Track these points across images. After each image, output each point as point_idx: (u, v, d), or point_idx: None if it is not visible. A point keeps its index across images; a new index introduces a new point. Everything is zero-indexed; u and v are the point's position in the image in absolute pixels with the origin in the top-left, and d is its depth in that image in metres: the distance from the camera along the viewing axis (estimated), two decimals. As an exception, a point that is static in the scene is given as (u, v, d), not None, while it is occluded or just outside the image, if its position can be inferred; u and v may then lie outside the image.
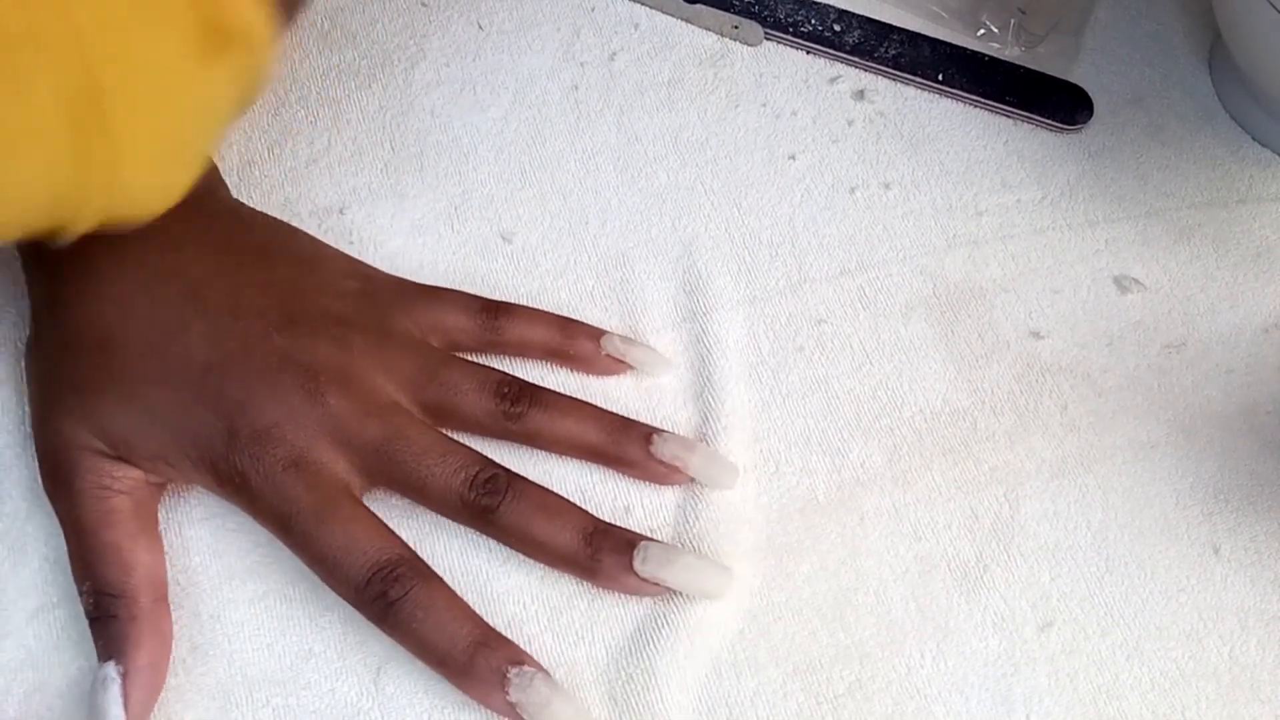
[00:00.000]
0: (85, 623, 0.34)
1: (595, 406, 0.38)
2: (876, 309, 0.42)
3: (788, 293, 0.42)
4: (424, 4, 0.47)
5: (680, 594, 0.36)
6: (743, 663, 0.35)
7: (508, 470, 0.36)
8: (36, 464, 0.36)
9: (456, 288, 0.40)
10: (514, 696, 0.33)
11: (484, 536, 0.36)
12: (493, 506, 0.35)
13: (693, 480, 0.37)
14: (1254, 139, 0.46)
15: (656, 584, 0.35)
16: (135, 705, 0.33)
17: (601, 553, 0.35)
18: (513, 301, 0.40)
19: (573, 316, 0.40)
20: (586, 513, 0.36)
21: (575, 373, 0.40)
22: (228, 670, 0.35)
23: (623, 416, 0.38)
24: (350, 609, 0.35)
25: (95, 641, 0.34)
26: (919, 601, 0.36)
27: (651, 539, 0.36)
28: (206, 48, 0.29)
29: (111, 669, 0.33)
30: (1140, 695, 0.35)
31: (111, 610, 0.33)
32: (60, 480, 0.35)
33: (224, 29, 0.29)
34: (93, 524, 0.34)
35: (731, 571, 0.36)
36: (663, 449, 0.37)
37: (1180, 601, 0.37)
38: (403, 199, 0.43)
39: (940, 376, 0.40)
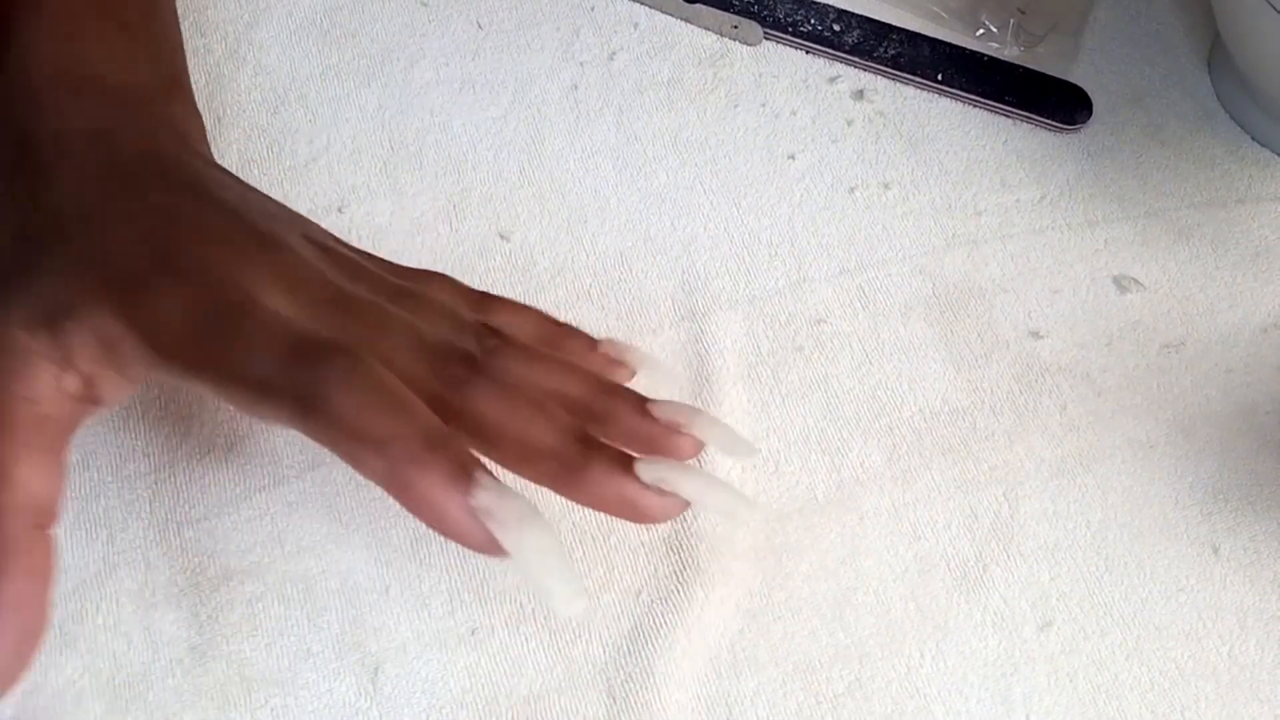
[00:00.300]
0: (82, 624, 0.34)
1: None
2: (876, 309, 0.41)
3: (787, 292, 0.42)
4: (423, 3, 0.47)
5: (696, 508, 0.31)
6: (742, 662, 0.35)
7: (491, 342, 0.31)
8: None
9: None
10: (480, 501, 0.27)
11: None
12: (464, 378, 0.30)
13: (694, 442, 0.33)
14: (1253, 139, 0.46)
15: (660, 490, 0.30)
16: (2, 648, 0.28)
17: (594, 451, 0.30)
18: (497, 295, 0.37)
19: (571, 316, 0.40)
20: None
21: None
22: (225, 670, 0.35)
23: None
24: (346, 610, 0.34)
25: None
26: (918, 601, 0.36)
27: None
28: None
29: None
30: (1139, 695, 0.35)
31: None
32: None
33: None
34: None
35: (756, 505, 0.33)
36: (660, 410, 0.32)
37: (1179, 601, 0.37)
38: (401, 197, 0.43)
39: (939, 376, 0.40)
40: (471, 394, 0.30)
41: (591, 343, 0.35)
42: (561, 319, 0.40)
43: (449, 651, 0.35)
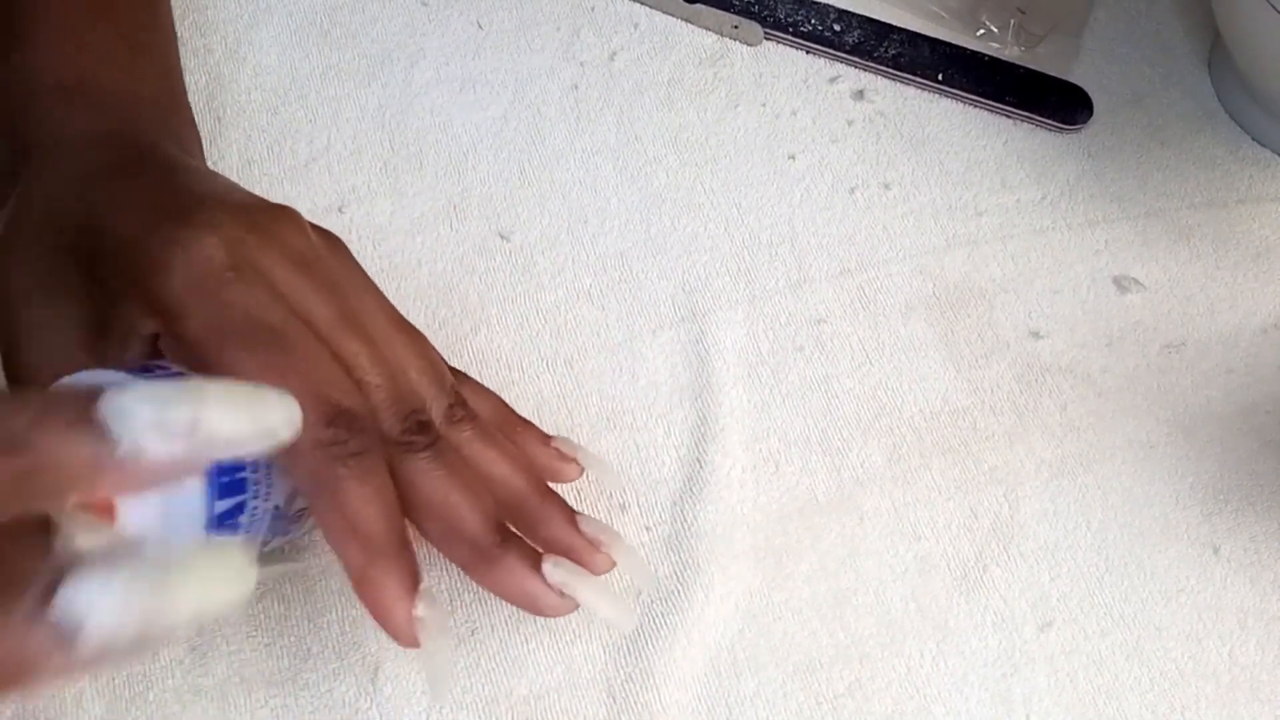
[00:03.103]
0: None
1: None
2: (876, 309, 0.41)
3: (787, 292, 0.42)
4: (424, 3, 0.47)
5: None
6: (742, 662, 0.35)
7: (459, 414, 0.33)
8: None
9: (454, 288, 0.40)
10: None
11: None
12: (416, 446, 0.31)
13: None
14: (1253, 139, 0.46)
15: (561, 590, 0.32)
16: None
17: (510, 544, 0.32)
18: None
19: (571, 316, 0.40)
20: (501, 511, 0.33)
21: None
22: (225, 671, 0.35)
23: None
24: (346, 610, 0.34)
25: None
26: (919, 601, 0.36)
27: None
28: None
29: None
30: (1139, 695, 0.35)
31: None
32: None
33: None
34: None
35: (635, 615, 0.35)
36: (586, 525, 0.34)
37: (1180, 601, 0.37)
38: (402, 197, 0.43)
39: (940, 376, 0.40)
40: (416, 466, 0.31)
41: (545, 437, 0.36)
42: (562, 319, 0.41)
43: (449, 651, 0.35)
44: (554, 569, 0.32)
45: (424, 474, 0.31)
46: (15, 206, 0.33)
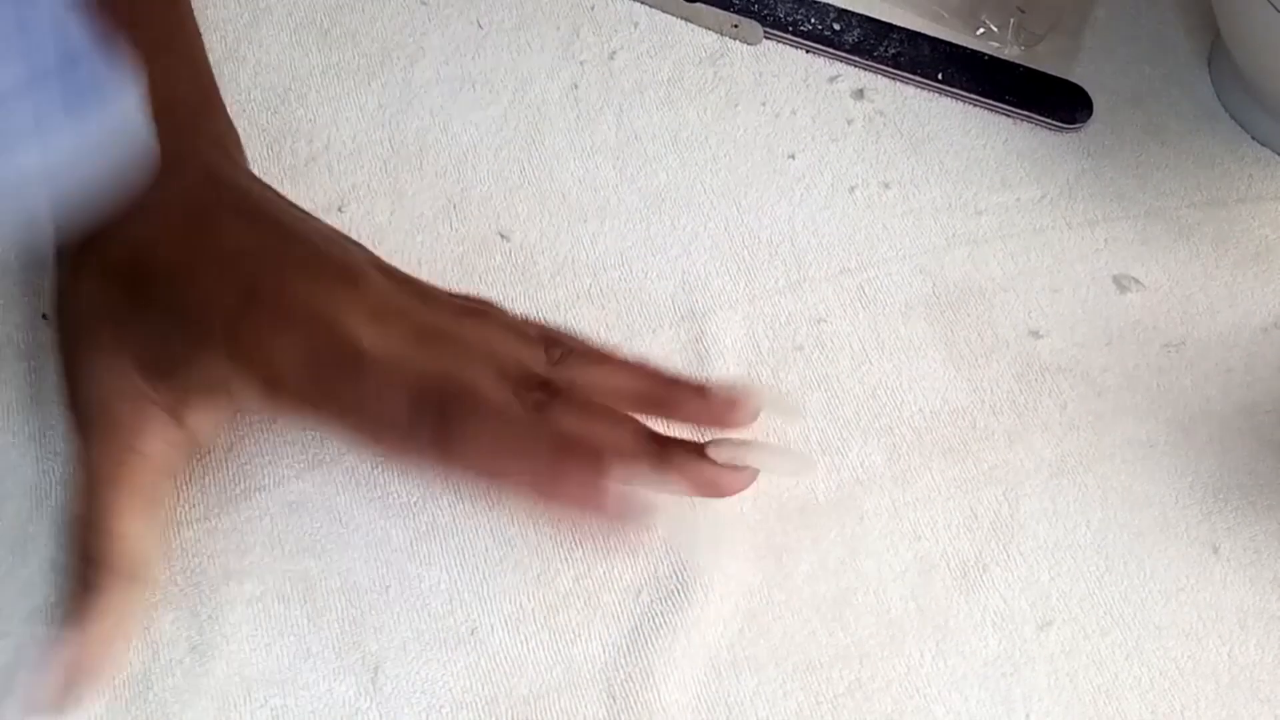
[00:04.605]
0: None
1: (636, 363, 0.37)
2: (876, 308, 0.41)
3: (787, 292, 0.42)
4: (424, 2, 0.47)
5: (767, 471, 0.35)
6: (742, 662, 0.35)
7: (556, 354, 0.35)
8: (68, 417, 0.35)
9: (456, 287, 0.40)
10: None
11: (480, 538, 0.36)
12: (546, 401, 0.34)
13: (751, 414, 0.36)
14: (1254, 138, 0.46)
15: (734, 464, 0.34)
16: (64, 682, 0.32)
17: (669, 445, 0.34)
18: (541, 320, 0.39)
19: (571, 316, 0.40)
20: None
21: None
22: (225, 671, 0.35)
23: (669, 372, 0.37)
24: (346, 610, 0.34)
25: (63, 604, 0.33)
26: (919, 601, 0.36)
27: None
28: None
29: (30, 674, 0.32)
30: (1139, 695, 0.35)
31: (83, 574, 0.33)
32: (85, 425, 0.34)
33: None
34: (103, 478, 0.33)
35: (812, 461, 0.36)
36: (718, 390, 0.36)
37: (1179, 601, 0.37)
38: (401, 196, 0.43)
39: (940, 376, 0.40)
40: (553, 417, 0.33)
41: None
42: (561, 319, 0.40)
43: (449, 651, 0.35)
44: (718, 450, 0.34)
45: (561, 422, 0.33)
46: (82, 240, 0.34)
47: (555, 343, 0.36)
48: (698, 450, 0.35)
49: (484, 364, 0.34)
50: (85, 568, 0.33)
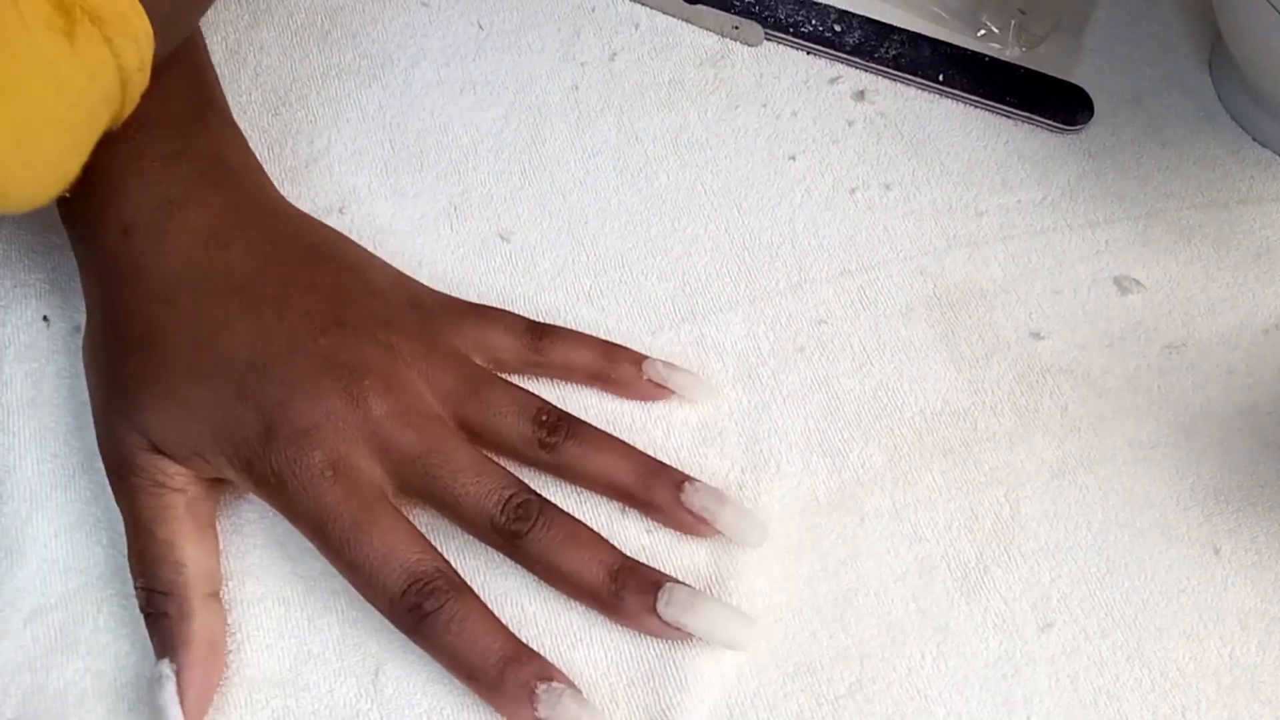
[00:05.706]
0: (83, 625, 0.34)
1: (630, 446, 0.37)
2: (877, 309, 0.41)
3: (788, 293, 0.42)
4: (424, 4, 0.47)
5: (700, 641, 0.35)
6: (743, 663, 0.35)
7: (540, 497, 0.35)
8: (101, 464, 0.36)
9: (454, 289, 0.40)
10: (542, 713, 0.33)
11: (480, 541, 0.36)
12: (521, 532, 0.34)
13: (719, 534, 0.36)
14: (1254, 139, 0.46)
15: (678, 628, 0.34)
16: (191, 701, 0.33)
17: (625, 590, 0.34)
18: (555, 325, 0.39)
19: (571, 318, 0.40)
20: (614, 548, 0.35)
21: (616, 397, 0.39)
22: (226, 672, 0.35)
23: (656, 460, 0.37)
24: (346, 611, 0.34)
25: (150, 638, 0.34)
26: (919, 602, 0.36)
27: (679, 581, 0.35)
28: (59, 18, 0.28)
29: (166, 667, 0.33)
30: (1140, 696, 0.35)
31: (163, 608, 0.34)
32: (117, 477, 0.35)
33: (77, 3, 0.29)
34: (146, 521, 0.34)
35: (755, 623, 0.35)
36: (693, 499, 0.36)
37: (1180, 602, 0.37)
38: (402, 198, 0.43)
39: (940, 377, 0.40)
40: (528, 547, 0.35)
41: (638, 358, 0.39)
42: (562, 320, 0.40)
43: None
44: (666, 607, 0.34)
45: (537, 549, 0.35)
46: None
47: (552, 429, 0.36)
48: (650, 597, 0.35)
49: (472, 481, 0.35)
50: (165, 603, 0.34)
